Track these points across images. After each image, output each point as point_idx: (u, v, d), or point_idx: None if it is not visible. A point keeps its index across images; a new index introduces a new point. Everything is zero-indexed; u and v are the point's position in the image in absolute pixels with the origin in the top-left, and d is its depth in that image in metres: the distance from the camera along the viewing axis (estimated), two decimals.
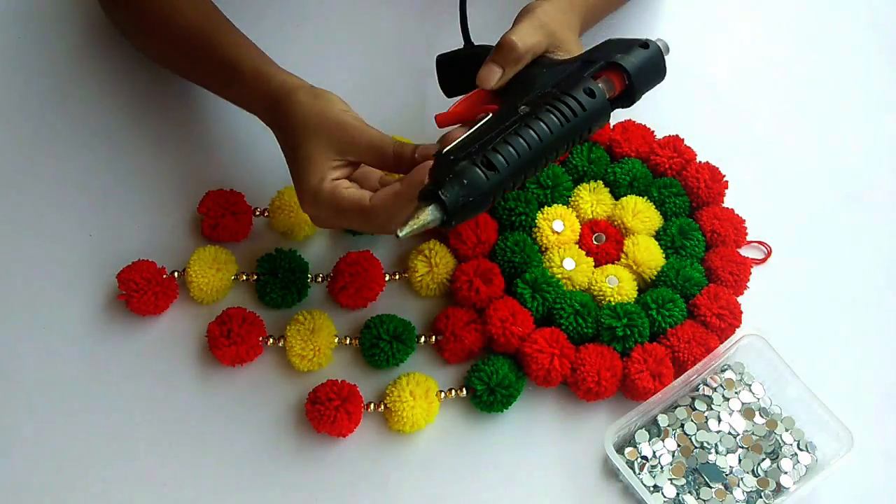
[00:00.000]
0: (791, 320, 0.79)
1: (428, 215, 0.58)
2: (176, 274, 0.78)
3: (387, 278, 0.79)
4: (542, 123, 0.62)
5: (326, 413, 0.70)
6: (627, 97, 0.67)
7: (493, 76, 0.69)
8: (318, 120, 0.68)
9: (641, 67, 0.66)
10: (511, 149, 0.61)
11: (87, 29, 0.92)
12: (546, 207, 0.80)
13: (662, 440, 0.73)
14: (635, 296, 0.77)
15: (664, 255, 0.79)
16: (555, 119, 0.62)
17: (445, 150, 0.62)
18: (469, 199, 0.59)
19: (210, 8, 0.80)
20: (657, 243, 0.80)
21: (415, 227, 0.58)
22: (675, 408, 0.74)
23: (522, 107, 0.64)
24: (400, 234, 0.58)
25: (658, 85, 0.68)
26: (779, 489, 0.71)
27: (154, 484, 0.71)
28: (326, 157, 0.67)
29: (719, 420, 0.74)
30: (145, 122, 0.88)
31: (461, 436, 0.74)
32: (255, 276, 0.79)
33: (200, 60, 0.79)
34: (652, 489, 0.71)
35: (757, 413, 0.74)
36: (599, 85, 0.65)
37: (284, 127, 0.71)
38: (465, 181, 0.59)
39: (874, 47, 0.96)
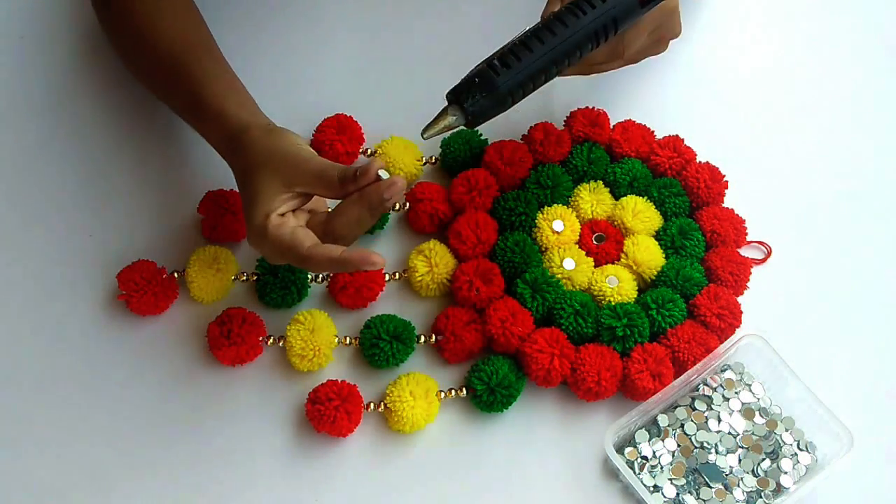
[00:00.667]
0: (791, 320, 0.79)
1: (450, 117, 0.64)
2: (176, 274, 0.78)
3: (387, 278, 0.79)
4: (557, 20, 0.65)
5: (326, 413, 0.70)
6: None
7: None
8: (266, 155, 0.67)
9: None
10: (524, 47, 0.64)
11: (87, 29, 0.92)
12: (546, 207, 0.80)
13: (662, 440, 0.73)
14: (635, 296, 0.77)
15: (664, 255, 0.79)
16: (570, 14, 0.65)
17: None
18: (486, 98, 0.63)
19: (191, 28, 0.78)
20: (657, 243, 0.80)
21: (437, 128, 0.64)
22: (675, 408, 0.74)
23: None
24: (424, 136, 0.65)
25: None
26: (779, 489, 0.71)
27: (154, 484, 0.71)
28: (274, 190, 0.66)
29: (719, 420, 0.74)
30: (146, 123, 0.88)
31: (461, 436, 0.74)
32: (255, 276, 0.79)
33: (169, 89, 0.78)
34: (652, 489, 0.71)
35: (757, 413, 0.74)
36: None
37: (236, 164, 0.70)
38: (477, 80, 0.63)
39: (874, 48, 0.96)
